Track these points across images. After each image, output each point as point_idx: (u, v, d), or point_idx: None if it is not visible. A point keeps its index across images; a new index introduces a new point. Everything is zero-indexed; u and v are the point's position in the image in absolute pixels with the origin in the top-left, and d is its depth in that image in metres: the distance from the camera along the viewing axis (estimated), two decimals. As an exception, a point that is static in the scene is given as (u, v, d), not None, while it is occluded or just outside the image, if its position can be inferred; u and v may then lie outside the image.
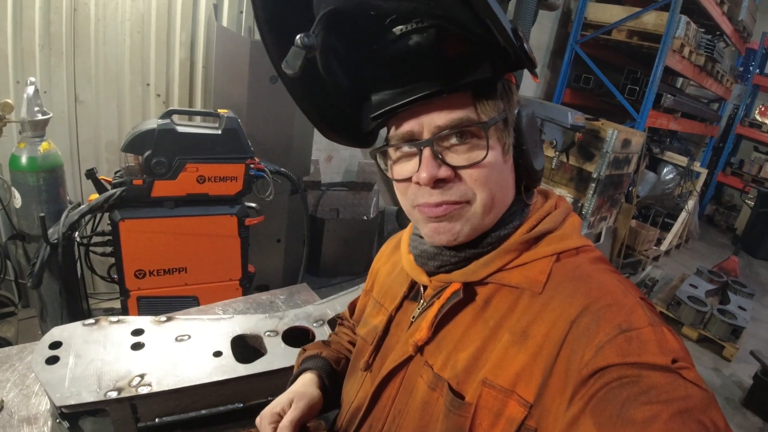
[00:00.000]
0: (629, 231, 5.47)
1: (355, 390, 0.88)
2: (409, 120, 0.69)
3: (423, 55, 0.65)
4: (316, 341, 1.17)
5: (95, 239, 2.43)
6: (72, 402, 1.09)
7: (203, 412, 1.23)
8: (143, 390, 1.14)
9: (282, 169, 2.79)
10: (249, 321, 1.44)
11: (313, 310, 1.53)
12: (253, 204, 2.67)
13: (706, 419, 0.51)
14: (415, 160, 0.69)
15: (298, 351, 1.31)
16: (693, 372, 0.55)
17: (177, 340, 1.31)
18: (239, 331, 1.38)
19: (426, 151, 0.67)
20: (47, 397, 1.25)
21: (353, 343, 1.07)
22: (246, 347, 1.38)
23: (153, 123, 2.24)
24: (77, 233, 2.31)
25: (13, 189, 2.25)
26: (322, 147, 4.38)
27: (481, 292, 0.73)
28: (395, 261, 0.94)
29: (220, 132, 2.37)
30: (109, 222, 2.28)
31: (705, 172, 6.85)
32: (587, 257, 0.71)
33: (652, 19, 5.25)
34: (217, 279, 2.63)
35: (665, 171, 6.26)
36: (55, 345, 1.23)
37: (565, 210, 0.77)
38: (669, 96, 5.72)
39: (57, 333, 1.28)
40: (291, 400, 0.92)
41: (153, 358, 1.24)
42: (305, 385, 0.97)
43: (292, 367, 1.27)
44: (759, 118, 8.44)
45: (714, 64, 6.25)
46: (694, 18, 5.56)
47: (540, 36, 6.07)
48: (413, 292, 0.86)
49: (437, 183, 0.68)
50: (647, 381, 0.54)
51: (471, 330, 0.71)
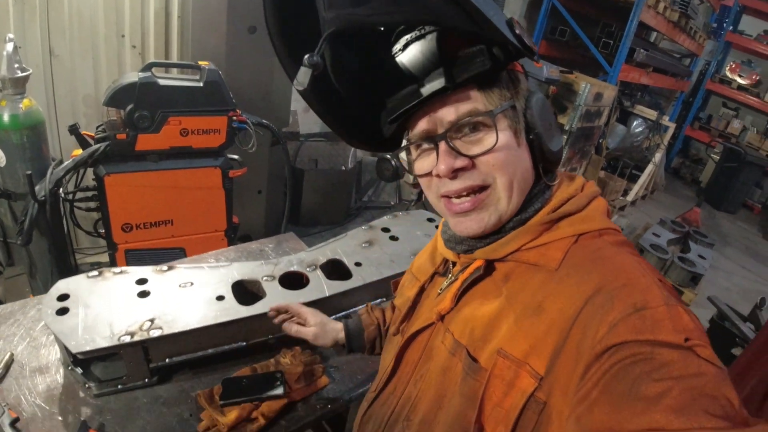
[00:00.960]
0: (598, 181, 5.64)
1: (391, 356, 0.95)
2: (423, 119, 0.75)
3: (427, 58, 0.71)
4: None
5: (80, 195, 2.43)
6: (88, 348, 1.16)
7: (210, 351, 1.32)
8: (154, 333, 1.22)
9: (264, 121, 2.80)
10: (246, 267, 1.51)
11: (306, 256, 1.61)
12: (236, 156, 2.69)
13: (719, 395, 0.51)
14: (434, 154, 0.75)
15: (294, 293, 1.40)
16: (707, 350, 0.56)
17: (180, 286, 1.39)
18: (238, 277, 1.46)
19: (442, 145, 0.73)
20: (57, 347, 1.32)
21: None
22: (245, 292, 1.46)
23: (134, 76, 2.21)
24: (62, 190, 2.31)
25: (-3, 148, 2.22)
26: (299, 97, 4.33)
27: (502, 268, 0.78)
28: (434, 244, 1.00)
29: (201, 84, 2.35)
30: (94, 177, 2.29)
31: (673, 126, 7.02)
32: (610, 240, 0.73)
33: (628, -28, 5.25)
34: (203, 230, 2.68)
35: (635, 124, 6.40)
36: (63, 297, 1.29)
37: (591, 193, 0.78)
38: (642, 51, 5.80)
39: (63, 286, 1.33)
40: (312, 326, 1.22)
41: (160, 304, 1.31)
42: (333, 330, 1.24)
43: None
44: (729, 74, 8.59)
45: (688, 20, 6.31)
46: (670, -28, 5.58)
47: (518, -13, 6.02)
48: (444, 267, 0.93)
49: (456, 172, 0.73)
50: (660, 358, 0.54)
51: (489, 302, 0.76)
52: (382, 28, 0.71)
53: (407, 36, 0.73)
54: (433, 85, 0.71)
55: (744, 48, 8.48)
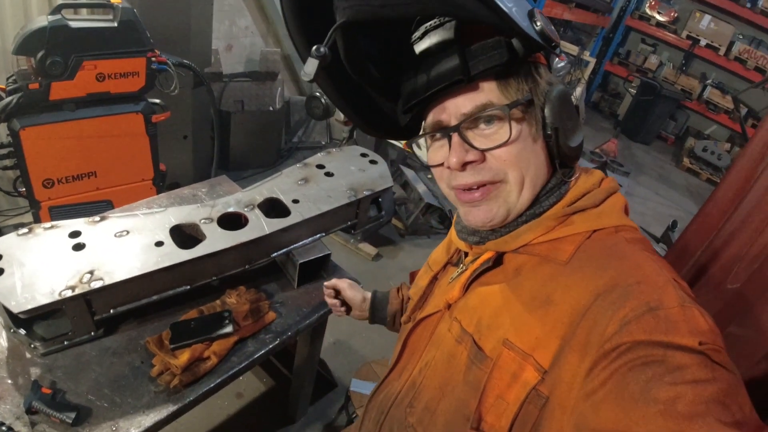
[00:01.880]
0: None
1: (400, 343, 0.96)
2: (437, 109, 0.74)
3: (444, 48, 0.70)
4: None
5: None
6: (29, 306, 1.14)
7: (154, 297, 1.33)
8: (96, 284, 1.21)
9: (185, 61, 2.67)
10: (182, 212, 1.49)
11: (242, 196, 1.60)
12: (158, 100, 2.57)
13: (731, 402, 0.50)
14: (447, 146, 0.73)
15: (234, 234, 1.42)
16: (722, 355, 0.54)
17: (116, 236, 1.36)
18: (174, 222, 1.44)
19: (454, 137, 0.72)
20: (-4, 310, 1.28)
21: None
22: (183, 236, 1.45)
23: (43, 20, 2.05)
24: (-27, 147, 2.15)
25: None
26: (221, 35, 4.13)
27: (512, 260, 0.77)
28: (449, 235, 0.99)
29: (116, 24, 2.21)
30: (8, 132, 2.14)
31: (594, 61, 7.26)
32: (625, 237, 0.71)
33: None
34: (129, 180, 2.60)
35: (557, 60, 6.58)
36: (-5, 258, 1.23)
37: (609, 189, 0.77)
38: (565, -15, 5.89)
39: (-6, 246, 1.27)
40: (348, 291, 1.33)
41: (97, 255, 1.29)
42: (361, 298, 1.33)
43: (231, 248, 1.40)
44: (649, 11, 8.81)
45: (609, -46, 6.42)
46: None
47: None
48: (456, 257, 0.94)
49: (467, 165, 0.72)
50: (673, 361, 0.53)
51: (498, 293, 0.75)
52: (395, 19, 0.67)
53: (426, 24, 0.71)
54: (449, 76, 0.69)
55: (663, -15, 8.71)
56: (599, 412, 0.55)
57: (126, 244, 1.35)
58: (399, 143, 3.48)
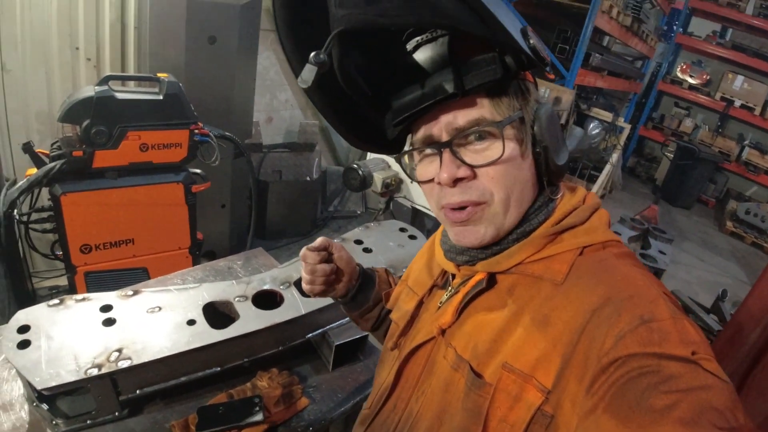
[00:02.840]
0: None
1: (387, 371, 0.92)
2: (429, 123, 0.73)
3: (437, 62, 0.69)
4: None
5: (35, 216, 2.32)
6: (53, 384, 1.10)
7: (183, 379, 1.27)
8: (123, 364, 1.16)
9: (227, 133, 2.75)
10: (216, 288, 1.46)
11: (279, 273, 1.57)
12: (198, 170, 2.62)
13: (725, 408, 0.51)
14: (437, 161, 0.72)
15: (268, 313, 1.36)
16: (713, 363, 0.56)
17: (148, 312, 1.33)
18: (209, 299, 1.41)
19: (446, 153, 0.71)
20: (20, 382, 1.25)
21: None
22: (217, 313, 1.41)
23: (90, 90, 2.14)
24: (16, 211, 2.19)
25: (-57, 168, 2.10)
26: (261, 108, 4.30)
27: (505, 281, 0.76)
28: (430, 254, 0.97)
29: (161, 97, 2.29)
30: (50, 197, 2.18)
31: (628, 126, 7.24)
32: (613, 252, 0.72)
33: (582, -21, 5.40)
34: (166, 248, 2.60)
35: (591, 126, 6.56)
36: (24, 329, 1.22)
37: (593, 205, 0.77)
38: (597, 55, 5.96)
39: (23, 317, 1.25)
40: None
41: (127, 331, 1.25)
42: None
43: (265, 329, 1.34)
44: (680, 75, 8.90)
45: (640, 24, 6.53)
46: (622, -22, 5.77)
47: (475, -6, 6.10)
48: (443, 280, 0.90)
49: (457, 182, 0.71)
50: (667, 371, 0.54)
51: (493, 315, 0.74)
52: (392, 29, 0.68)
53: (418, 37, 0.70)
54: (443, 90, 0.68)
55: (693, 49, 8.80)
56: (600, 425, 0.55)
57: (157, 321, 1.31)
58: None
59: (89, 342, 1.21)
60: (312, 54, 0.63)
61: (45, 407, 1.16)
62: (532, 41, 0.67)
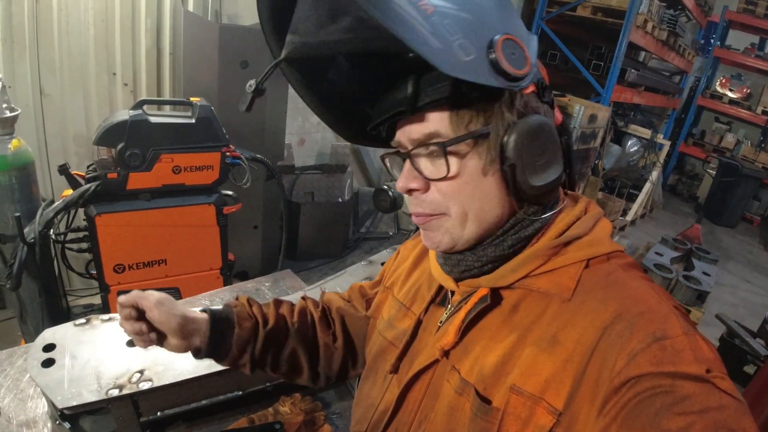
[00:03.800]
0: (596, 203, 5.62)
1: (380, 393, 0.87)
2: (400, 129, 0.71)
3: (404, 72, 0.67)
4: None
5: (71, 236, 2.39)
6: (74, 403, 1.10)
7: (203, 402, 1.26)
8: (144, 385, 1.16)
9: (258, 156, 2.78)
10: (242, 311, 1.44)
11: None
12: (230, 192, 2.66)
13: (739, 428, 0.51)
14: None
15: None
16: (727, 382, 0.55)
17: (172, 333, 1.32)
18: (233, 322, 1.39)
19: (406, 163, 0.71)
20: (44, 400, 1.25)
21: (304, 313, 1.04)
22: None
23: (125, 114, 2.20)
24: (52, 231, 2.26)
25: (-15, 189, 2.18)
26: (294, 131, 4.36)
27: (509, 297, 0.72)
28: (424, 266, 0.93)
29: (194, 121, 2.34)
30: (85, 217, 2.24)
31: (668, 143, 7.07)
32: (619, 263, 0.69)
33: (615, -5, 5.33)
34: (198, 269, 2.63)
35: (629, 143, 6.44)
36: (49, 347, 1.23)
37: (596, 215, 0.75)
38: (633, 71, 5.86)
39: (49, 335, 1.27)
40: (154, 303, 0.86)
41: (150, 353, 1.24)
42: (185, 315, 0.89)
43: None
44: (719, 89, 8.68)
45: (676, 38, 6.41)
46: (656, -8, 5.68)
47: (506, 13, 6.10)
48: (440, 296, 0.85)
49: (412, 192, 0.71)
50: (681, 391, 0.53)
51: (499, 335, 0.71)
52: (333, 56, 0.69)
53: None
54: (397, 105, 0.68)
55: (732, 62, 8.59)
56: None
57: (180, 342, 1.30)
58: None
59: (112, 362, 1.21)
60: (249, 83, 0.65)
61: (67, 426, 1.16)
62: (494, 55, 0.60)
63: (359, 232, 4.83)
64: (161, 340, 0.88)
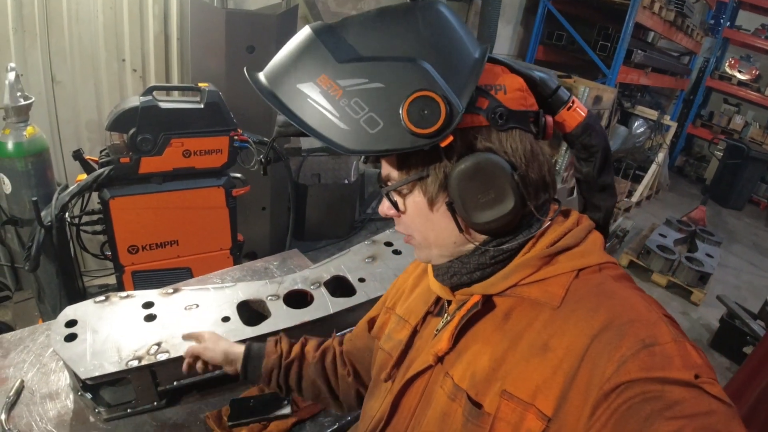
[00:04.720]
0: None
1: (379, 403, 0.91)
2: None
3: None
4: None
5: (85, 218, 2.46)
6: (97, 374, 1.18)
7: (217, 372, 1.32)
8: (162, 357, 1.23)
9: (265, 139, 2.82)
10: (251, 287, 1.52)
11: (309, 273, 1.62)
12: (239, 174, 2.72)
13: None
14: None
15: (299, 312, 1.41)
16: (716, 387, 0.55)
17: (186, 309, 1.40)
18: (243, 298, 1.47)
19: (384, 191, 0.79)
20: (66, 373, 1.34)
21: (326, 350, 1.17)
22: (250, 311, 1.47)
23: (135, 100, 2.25)
24: (67, 214, 2.34)
25: (2, 175, 2.26)
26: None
27: (502, 304, 0.75)
28: (423, 284, 0.96)
29: (202, 106, 2.39)
30: (99, 201, 2.32)
31: (675, 125, 7.01)
32: (610, 274, 0.71)
33: (622, -25, 5.28)
34: (209, 249, 2.71)
35: (636, 125, 6.39)
36: (71, 323, 1.31)
37: (587, 227, 0.77)
38: (639, 51, 5.82)
39: (71, 312, 1.34)
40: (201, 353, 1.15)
41: (166, 327, 1.33)
42: (224, 351, 1.15)
43: (295, 327, 1.39)
44: (729, 70, 8.55)
45: (684, 18, 6.34)
46: (663, -28, 5.62)
47: (513, -7, 6.07)
48: (437, 307, 0.89)
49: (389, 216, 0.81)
50: (670, 396, 0.54)
51: (491, 342, 0.73)
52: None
53: None
54: (357, 152, 0.70)
55: (742, 43, 8.45)
56: None
57: (194, 317, 1.38)
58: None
59: (131, 336, 1.29)
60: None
61: (89, 396, 1.24)
62: (405, 121, 0.63)
63: (365, 213, 4.88)
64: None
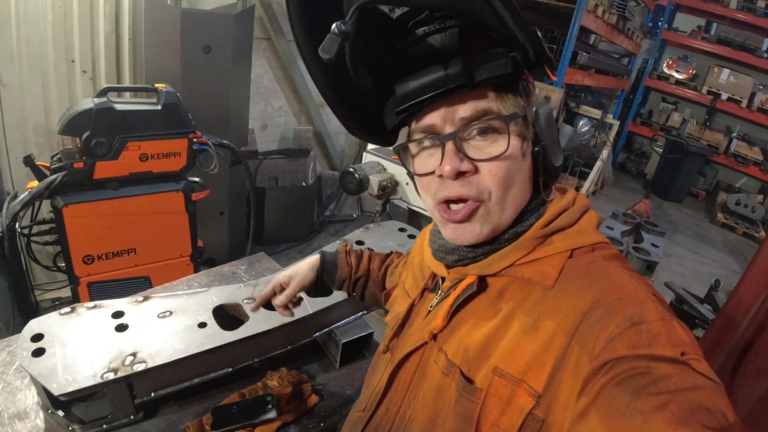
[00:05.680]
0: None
1: (378, 376, 0.92)
2: (431, 114, 0.71)
3: (445, 53, 0.68)
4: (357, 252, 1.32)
5: (36, 228, 2.35)
6: (71, 389, 1.12)
7: (196, 380, 1.30)
8: (138, 367, 1.19)
9: (224, 141, 2.78)
10: (225, 291, 1.49)
11: (282, 276, 1.59)
12: (197, 178, 2.65)
13: (715, 408, 0.51)
14: (438, 154, 0.71)
15: (276, 314, 1.39)
16: (702, 364, 0.56)
17: (160, 316, 1.36)
18: (218, 302, 1.44)
19: (449, 145, 0.70)
20: (34, 390, 1.26)
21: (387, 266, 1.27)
22: (226, 316, 1.44)
23: (89, 102, 2.16)
24: (18, 224, 2.22)
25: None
26: (256, 115, 4.33)
27: (495, 284, 0.75)
28: (421, 255, 0.97)
29: (160, 107, 2.32)
30: (51, 209, 2.21)
31: (617, 123, 7.32)
32: (602, 254, 0.72)
33: (567, -21, 5.47)
34: (168, 257, 2.63)
35: (581, 124, 6.63)
36: (37, 337, 1.23)
37: (583, 207, 0.77)
38: (584, 54, 6.04)
39: (36, 326, 1.27)
40: (290, 277, 1.21)
41: (140, 336, 1.28)
42: (306, 265, 1.23)
43: (275, 328, 1.38)
44: (667, 70, 8.98)
45: (625, 21, 6.61)
46: (606, -23, 5.85)
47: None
48: (432, 282, 0.90)
49: (459, 175, 0.70)
50: (656, 372, 0.54)
51: (484, 319, 0.74)
52: (412, 6, 0.68)
53: (425, 27, 0.69)
54: (453, 80, 0.67)
55: (679, 44, 8.89)
56: (591, 429, 0.56)
57: (169, 325, 1.34)
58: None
59: (103, 347, 1.23)
60: (335, 24, 0.59)
61: (60, 414, 1.18)
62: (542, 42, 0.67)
63: (324, 215, 4.87)
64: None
